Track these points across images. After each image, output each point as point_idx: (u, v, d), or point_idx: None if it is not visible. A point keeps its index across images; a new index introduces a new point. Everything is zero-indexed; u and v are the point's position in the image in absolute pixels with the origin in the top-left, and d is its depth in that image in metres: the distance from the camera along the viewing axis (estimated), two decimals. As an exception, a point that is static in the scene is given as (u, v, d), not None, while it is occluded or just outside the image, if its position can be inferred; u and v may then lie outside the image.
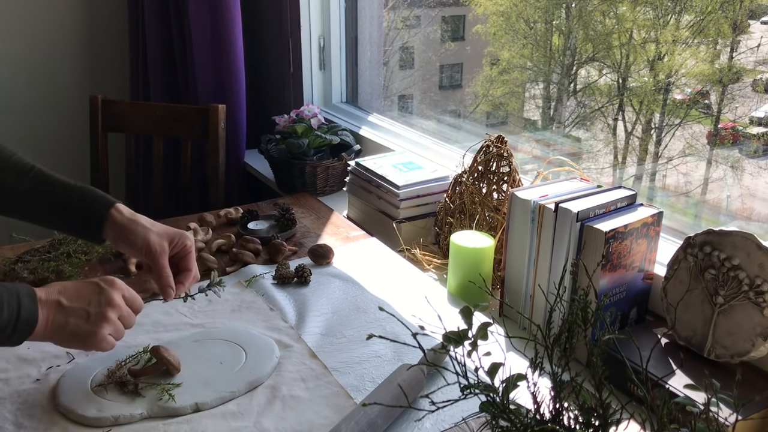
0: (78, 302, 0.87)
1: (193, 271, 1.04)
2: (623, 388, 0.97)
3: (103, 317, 0.87)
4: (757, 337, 0.93)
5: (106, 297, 0.89)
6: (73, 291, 0.88)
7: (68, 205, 1.00)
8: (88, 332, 0.87)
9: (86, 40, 2.61)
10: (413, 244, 1.45)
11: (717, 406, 0.60)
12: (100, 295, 0.88)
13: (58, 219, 1.02)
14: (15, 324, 0.81)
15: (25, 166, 1.02)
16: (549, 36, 2.56)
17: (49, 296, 0.86)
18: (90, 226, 1.01)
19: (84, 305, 0.87)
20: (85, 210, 1.00)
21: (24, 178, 1.01)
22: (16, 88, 2.53)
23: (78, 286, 0.89)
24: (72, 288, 0.89)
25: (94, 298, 0.88)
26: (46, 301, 0.85)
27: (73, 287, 0.89)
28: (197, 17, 2.08)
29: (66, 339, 0.87)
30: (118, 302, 0.90)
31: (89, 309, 0.87)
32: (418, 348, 0.67)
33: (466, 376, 0.65)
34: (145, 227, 1.00)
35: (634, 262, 1.08)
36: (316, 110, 1.91)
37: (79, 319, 0.86)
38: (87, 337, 0.87)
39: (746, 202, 1.87)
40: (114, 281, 0.91)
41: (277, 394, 0.96)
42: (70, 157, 2.65)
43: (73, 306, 0.87)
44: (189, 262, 1.04)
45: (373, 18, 2.17)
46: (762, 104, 1.82)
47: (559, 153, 2.33)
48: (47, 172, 1.03)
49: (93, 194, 1.01)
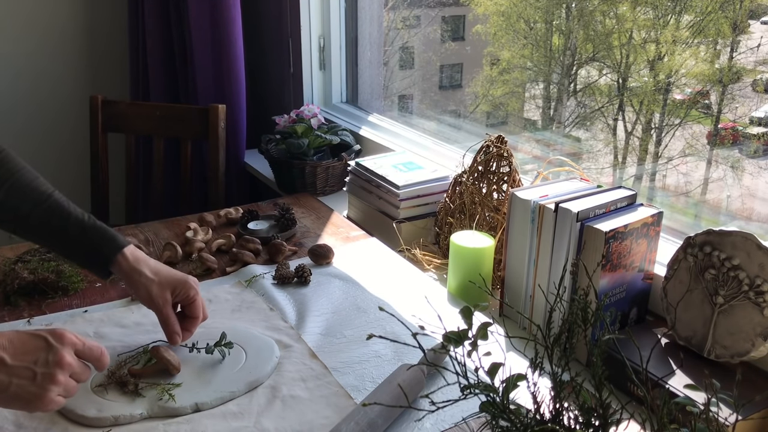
0: (23, 360, 0.79)
1: (199, 318, 1.05)
2: (623, 388, 0.97)
3: (51, 379, 0.80)
4: (757, 337, 0.93)
5: (55, 355, 0.80)
6: (19, 347, 0.80)
7: (78, 245, 1.03)
8: (33, 395, 0.79)
9: (87, 41, 2.61)
10: (413, 244, 1.45)
11: (717, 406, 0.60)
12: (48, 352, 0.80)
13: (68, 254, 1.05)
14: None
15: (43, 194, 1.04)
16: (549, 36, 2.56)
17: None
18: (97, 266, 1.04)
19: (29, 364, 0.79)
20: (94, 251, 1.03)
21: (39, 207, 1.03)
22: (18, 89, 2.53)
23: (25, 341, 0.81)
24: (18, 343, 0.80)
25: (42, 356, 0.80)
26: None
27: (19, 342, 0.80)
28: (197, 18, 2.08)
29: (7, 400, 0.80)
30: (69, 360, 0.81)
31: (35, 369, 0.79)
32: (418, 348, 0.67)
33: (466, 376, 0.65)
34: (147, 278, 1.01)
35: (634, 262, 1.08)
36: (316, 110, 1.91)
37: (23, 380, 0.78)
38: (32, 400, 0.79)
39: (746, 202, 1.87)
40: (64, 336, 0.82)
41: (277, 394, 0.96)
42: (71, 157, 2.65)
43: (17, 365, 0.79)
44: (195, 310, 1.04)
45: (373, 18, 2.17)
46: (762, 104, 1.82)
47: (559, 153, 2.33)
48: (63, 205, 1.04)
49: (104, 235, 1.03)
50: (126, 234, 1.50)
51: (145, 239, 1.49)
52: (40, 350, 0.81)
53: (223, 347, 1.02)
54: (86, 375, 0.85)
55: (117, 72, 2.63)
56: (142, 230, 1.54)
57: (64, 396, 0.82)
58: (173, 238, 1.49)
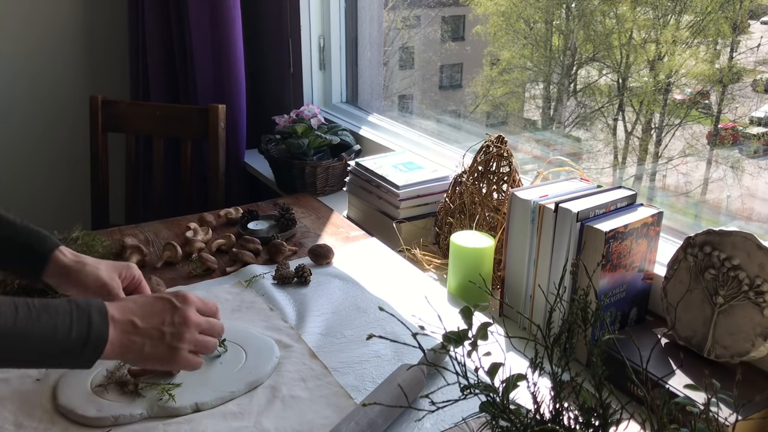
0: (152, 321, 0.85)
1: None
2: (623, 388, 0.97)
3: (179, 337, 0.86)
4: (757, 337, 0.93)
5: (181, 315, 0.87)
6: (147, 310, 0.86)
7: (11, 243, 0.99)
8: (165, 354, 0.85)
9: (87, 41, 2.61)
10: (413, 244, 1.46)
11: (717, 406, 0.60)
12: (174, 313, 0.87)
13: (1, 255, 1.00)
14: (84, 343, 0.79)
15: None
16: (549, 36, 2.56)
17: (123, 315, 0.83)
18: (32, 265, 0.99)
19: (158, 324, 0.85)
20: (29, 248, 0.99)
21: None
22: (18, 89, 2.53)
23: (151, 304, 0.87)
24: (146, 306, 0.86)
25: (168, 317, 0.86)
26: (119, 321, 0.83)
27: (146, 305, 0.87)
28: (197, 18, 2.08)
29: (144, 360, 0.86)
30: (194, 318, 0.88)
31: (164, 329, 0.85)
32: (418, 348, 0.67)
33: (466, 376, 0.65)
34: (92, 266, 1.00)
35: (634, 262, 1.08)
36: (316, 110, 1.91)
37: (154, 340, 0.85)
38: (166, 358, 0.86)
39: (746, 202, 1.87)
40: (186, 297, 0.89)
41: (277, 394, 0.96)
42: (71, 157, 2.65)
43: (147, 326, 0.84)
44: (143, 291, 1.04)
45: (373, 18, 2.17)
46: (762, 104, 1.83)
47: (559, 153, 2.33)
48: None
49: (38, 234, 1.01)
50: (126, 234, 1.50)
51: (145, 239, 1.49)
52: (166, 311, 0.87)
53: (218, 347, 1.02)
54: (216, 329, 0.92)
55: (117, 72, 2.63)
56: (142, 230, 1.54)
57: (199, 352, 0.89)
58: (173, 238, 1.49)
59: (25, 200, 2.65)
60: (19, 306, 0.77)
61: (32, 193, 2.66)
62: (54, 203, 2.69)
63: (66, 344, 0.77)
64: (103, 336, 0.80)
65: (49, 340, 0.77)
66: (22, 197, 2.64)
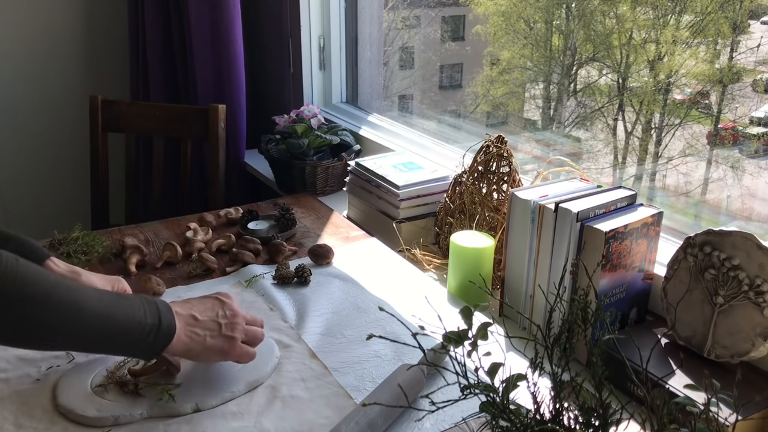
0: (208, 315, 0.91)
1: None
2: (623, 388, 0.97)
3: (234, 327, 0.92)
4: (757, 337, 0.93)
5: (230, 308, 0.93)
6: (201, 306, 0.92)
7: None
8: (224, 344, 0.91)
9: (87, 41, 2.61)
10: (413, 244, 1.46)
11: (717, 406, 0.60)
12: (223, 307, 0.93)
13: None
14: (157, 330, 0.84)
15: None
16: (549, 36, 2.56)
17: (183, 310, 0.89)
18: None
19: (213, 317, 0.92)
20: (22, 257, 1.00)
21: None
22: (18, 89, 2.53)
23: (203, 301, 0.93)
24: (198, 303, 0.93)
25: (219, 311, 0.93)
26: (182, 314, 0.88)
27: (199, 302, 0.93)
28: (197, 17, 2.08)
29: (205, 352, 0.90)
30: (240, 311, 0.94)
31: (219, 320, 0.92)
32: (418, 348, 0.67)
33: (466, 376, 0.65)
34: (87, 278, 1.03)
35: (634, 262, 1.08)
36: (316, 110, 1.91)
37: (214, 332, 0.90)
38: (225, 348, 0.91)
39: (746, 202, 1.87)
40: (228, 294, 0.96)
41: (277, 394, 0.96)
42: (70, 157, 2.65)
43: (205, 319, 0.91)
44: None
45: (373, 18, 2.17)
46: (762, 104, 1.83)
47: (559, 153, 2.33)
48: None
49: (29, 245, 1.02)
50: (126, 234, 1.50)
51: (145, 239, 1.49)
52: (216, 306, 0.93)
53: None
54: (258, 322, 0.98)
55: (117, 72, 2.63)
56: (142, 230, 1.54)
57: (251, 344, 0.94)
58: (173, 238, 1.49)
59: (25, 200, 2.65)
60: (101, 291, 0.83)
61: (32, 193, 2.66)
62: (54, 203, 2.69)
63: (142, 331, 0.83)
64: (172, 326, 0.86)
65: (129, 323, 0.82)
66: (22, 197, 2.64)
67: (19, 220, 2.64)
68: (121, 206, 2.17)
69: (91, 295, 0.81)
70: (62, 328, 0.78)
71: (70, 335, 0.80)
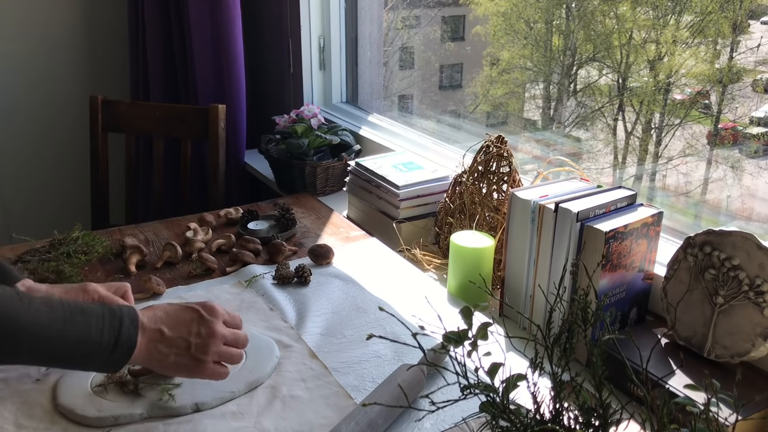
0: (179, 330, 0.87)
1: None
2: (623, 388, 0.97)
3: (204, 349, 0.88)
4: (757, 337, 0.93)
5: (207, 327, 0.89)
6: (175, 318, 0.88)
7: None
8: (191, 364, 0.87)
9: (87, 41, 2.61)
10: (413, 244, 1.45)
11: (717, 406, 0.60)
12: (201, 324, 0.89)
13: None
14: (113, 347, 0.82)
15: None
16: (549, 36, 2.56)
17: (151, 323, 0.86)
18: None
19: (184, 334, 0.87)
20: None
21: None
22: (18, 89, 2.53)
23: (179, 313, 0.89)
24: (174, 315, 0.89)
25: (194, 328, 0.88)
26: (148, 329, 0.85)
27: (174, 313, 0.89)
28: (197, 17, 2.08)
29: (170, 369, 0.88)
30: (220, 331, 0.89)
31: (190, 339, 0.87)
32: (418, 348, 0.67)
33: (466, 376, 0.65)
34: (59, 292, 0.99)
35: (634, 262, 1.08)
36: (316, 110, 1.91)
37: (180, 350, 0.87)
38: (192, 368, 0.88)
39: (746, 202, 1.87)
40: (214, 309, 0.91)
41: (277, 394, 0.96)
42: (70, 158, 2.65)
43: (173, 336, 0.87)
44: None
45: (373, 18, 2.18)
46: (762, 104, 1.82)
47: (559, 153, 2.33)
48: None
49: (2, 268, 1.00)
50: (126, 234, 1.50)
51: (145, 239, 1.49)
52: (193, 322, 0.88)
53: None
54: (241, 341, 0.93)
55: (117, 72, 2.63)
56: (142, 230, 1.54)
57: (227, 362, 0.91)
58: (173, 238, 1.49)
59: (25, 200, 2.65)
60: (56, 306, 0.80)
61: (32, 192, 2.66)
62: (54, 203, 2.69)
63: (97, 347, 0.80)
64: (132, 342, 0.83)
65: (82, 341, 0.80)
66: (22, 197, 2.64)
67: (19, 220, 2.64)
68: (121, 206, 2.17)
69: (40, 314, 0.78)
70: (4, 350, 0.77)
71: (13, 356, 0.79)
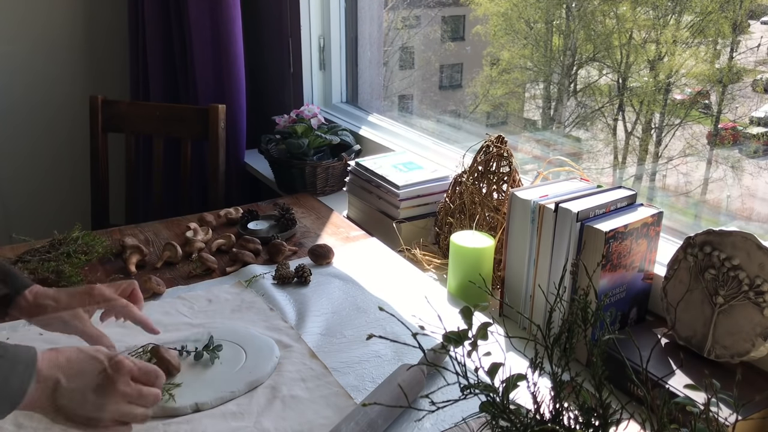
0: (78, 383, 0.79)
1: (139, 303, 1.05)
2: (623, 388, 0.97)
3: (101, 408, 0.79)
4: (757, 337, 0.93)
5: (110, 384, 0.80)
6: (76, 368, 0.80)
7: None
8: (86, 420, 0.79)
9: (87, 41, 2.61)
10: (413, 244, 1.45)
11: (717, 406, 0.60)
12: (104, 379, 0.80)
13: None
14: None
15: None
16: (549, 36, 2.56)
17: (50, 371, 0.78)
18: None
19: (83, 388, 0.79)
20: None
21: None
22: (18, 89, 2.53)
23: (82, 363, 0.80)
24: (76, 364, 0.80)
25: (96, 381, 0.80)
26: (44, 377, 0.77)
27: (77, 362, 0.80)
28: (197, 17, 2.08)
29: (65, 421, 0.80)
30: (122, 390, 0.80)
31: (87, 395, 0.79)
32: (418, 348, 0.67)
33: (466, 376, 0.65)
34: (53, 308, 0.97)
35: (634, 262, 1.08)
36: (316, 110, 1.91)
37: (75, 404, 0.78)
38: (87, 425, 0.80)
39: (746, 202, 1.87)
40: (120, 364, 0.81)
41: (277, 394, 0.96)
42: (70, 157, 2.65)
43: (71, 387, 0.78)
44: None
45: (373, 18, 2.17)
46: (762, 104, 1.82)
47: (559, 153, 2.33)
48: None
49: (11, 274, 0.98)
50: (126, 234, 1.50)
51: (145, 239, 1.49)
52: (95, 374, 0.80)
53: (213, 351, 1.02)
54: (148, 398, 0.83)
55: (117, 72, 2.63)
56: (142, 230, 1.54)
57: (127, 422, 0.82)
58: (173, 238, 1.49)
59: (25, 200, 2.65)
60: None
61: (32, 193, 2.66)
62: (54, 203, 2.68)
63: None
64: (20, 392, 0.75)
65: None
66: (22, 197, 2.64)
67: (19, 220, 2.64)
68: (121, 206, 2.17)
69: None
70: None
71: None
